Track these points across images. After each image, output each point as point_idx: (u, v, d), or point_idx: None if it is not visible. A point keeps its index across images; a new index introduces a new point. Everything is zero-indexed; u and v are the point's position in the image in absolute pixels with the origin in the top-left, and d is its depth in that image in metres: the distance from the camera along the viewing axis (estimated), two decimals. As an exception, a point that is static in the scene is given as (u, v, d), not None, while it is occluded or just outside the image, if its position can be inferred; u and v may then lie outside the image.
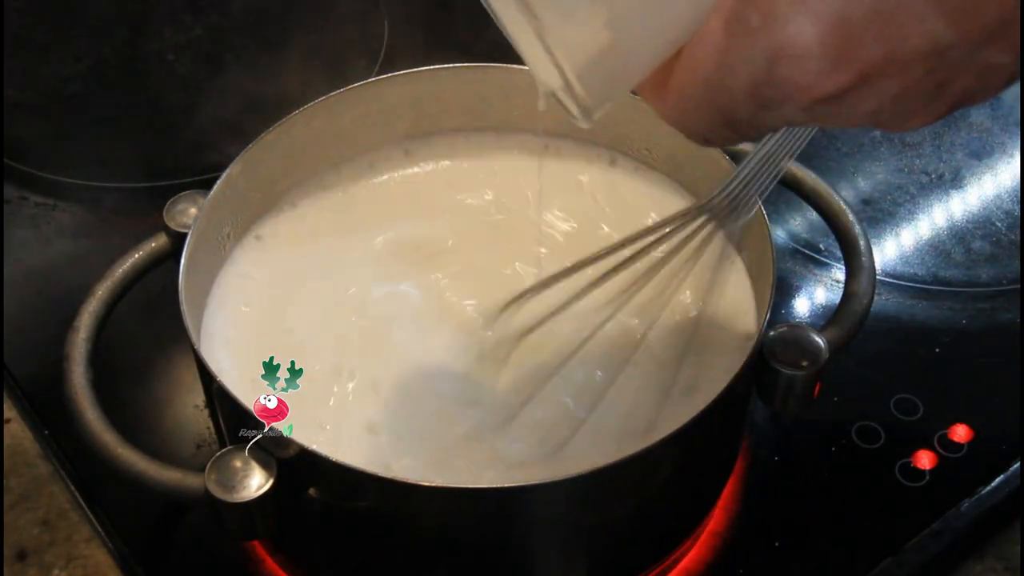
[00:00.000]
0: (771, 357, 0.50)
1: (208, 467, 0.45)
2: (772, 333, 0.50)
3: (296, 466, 0.45)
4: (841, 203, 0.59)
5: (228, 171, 0.56)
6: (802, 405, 0.51)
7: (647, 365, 0.54)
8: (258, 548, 0.56)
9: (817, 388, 0.51)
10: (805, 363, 0.49)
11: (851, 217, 0.58)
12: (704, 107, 0.36)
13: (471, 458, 0.50)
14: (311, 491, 0.47)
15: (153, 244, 0.56)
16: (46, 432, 0.61)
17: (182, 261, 0.51)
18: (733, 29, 0.33)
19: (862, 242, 0.57)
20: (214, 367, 0.48)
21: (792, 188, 0.61)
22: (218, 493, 0.45)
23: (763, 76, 0.33)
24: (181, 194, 0.56)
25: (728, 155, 0.57)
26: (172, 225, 0.55)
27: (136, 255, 0.55)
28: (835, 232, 0.58)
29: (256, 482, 0.45)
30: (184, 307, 0.49)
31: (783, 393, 0.50)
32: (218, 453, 0.46)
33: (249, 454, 0.45)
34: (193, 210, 0.55)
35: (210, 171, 0.59)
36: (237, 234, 0.59)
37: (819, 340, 0.50)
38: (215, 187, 0.55)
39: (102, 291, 0.54)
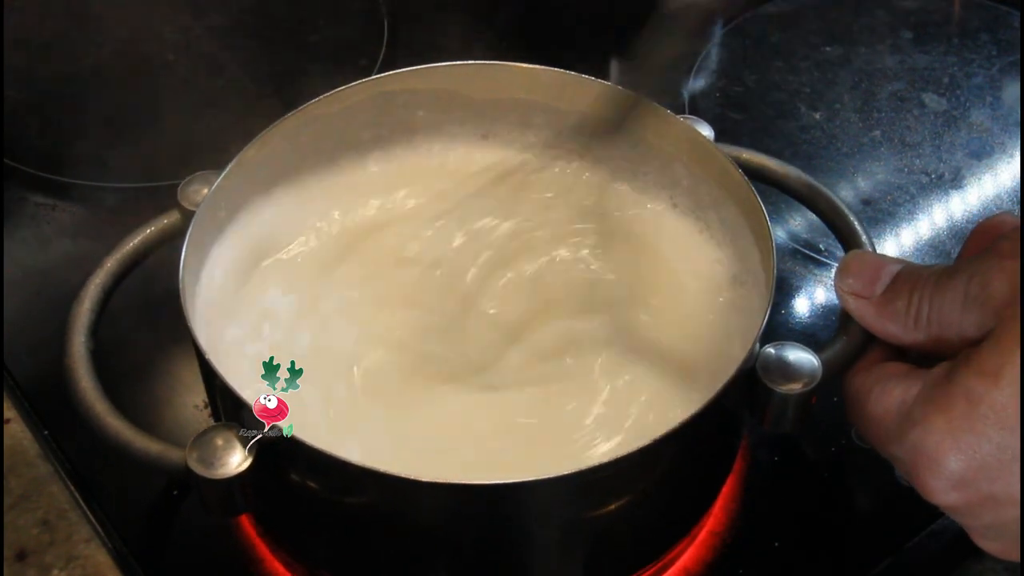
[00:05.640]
0: (764, 375, 0.49)
1: (190, 444, 0.46)
2: (766, 350, 0.49)
3: (274, 447, 0.46)
4: (853, 221, 0.58)
5: (242, 153, 0.56)
6: (795, 426, 0.50)
7: (643, 364, 0.54)
8: (259, 548, 0.57)
9: (813, 399, 0.50)
10: (799, 383, 0.49)
11: (864, 238, 0.57)
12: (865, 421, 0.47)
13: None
14: (293, 475, 0.48)
15: (165, 221, 0.56)
16: (46, 432, 0.61)
17: (186, 238, 0.52)
18: (902, 412, 0.45)
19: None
20: (207, 348, 0.48)
21: (804, 202, 0.60)
22: (198, 469, 0.45)
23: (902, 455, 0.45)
24: (196, 174, 0.56)
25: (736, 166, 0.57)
26: (185, 204, 0.55)
27: (147, 231, 0.56)
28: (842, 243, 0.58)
29: (236, 459, 0.45)
30: (183, 286, 0.50)
31: (776, 412, 0.50)
32: (201, 431, 0.46)
33: (232, 434, 0.46)
34: (206, 190, 0.55)
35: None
36: (245, 219, 0.59)
37: (813, 360, 0.49)
38: (227, 168, 0.55)
39: (111, 263, 0.54)
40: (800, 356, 0.49)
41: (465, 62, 0.62)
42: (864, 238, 0.57)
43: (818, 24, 0.91)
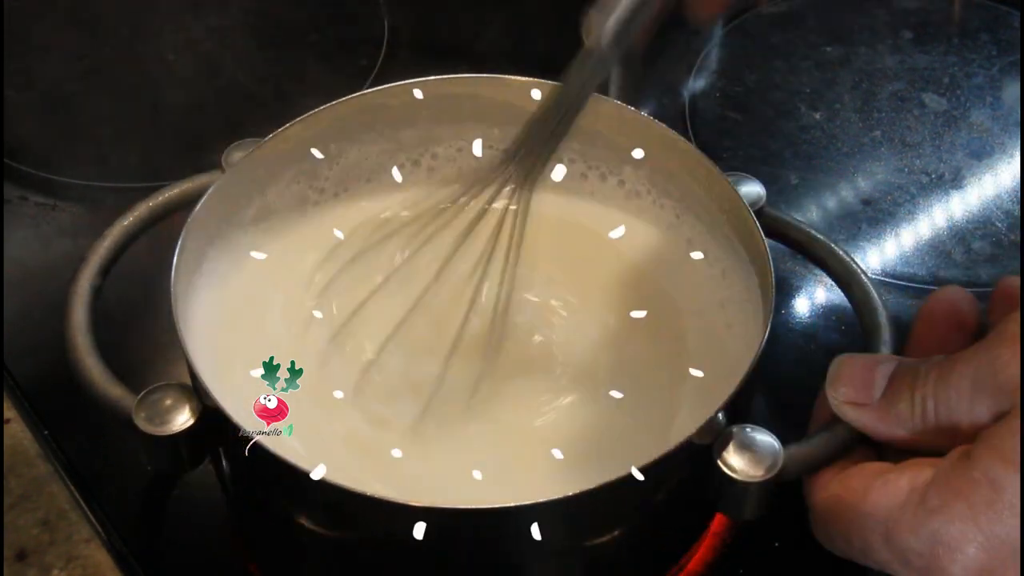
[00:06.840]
0: (720, 459, 0.46)
1: (137, 401, 0.47)
2: (727, 431, 0.46)
3: (213, 416, 0.46)
4: (883, 320, 0.54)
5: (287, 127, 0.56)
6: (752, 514, 0.47)
7: (657, 381, 0.54)
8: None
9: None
10: (759, 471, 0.46)
11: (886, 338, 0.53)
12: (852, 529, 0.44)
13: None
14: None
15: (206, 178, 0.56)
16: (46, 432, 0.61)
17: (205, 194, 0.53)
18: (914, 499, 0.41)
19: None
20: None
21: (838, 282, 0.58)
22: (143, 426, 0.46)
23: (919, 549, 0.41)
24: (241, 141, 0.56)
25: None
26: (227, 167, 0.56)
27: (185, 185, 0.56)
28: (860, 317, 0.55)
29: (180, 420, 0.46)
30: (182, 241, 0.51)
31: (735, 499, 0.47)
32: (149, 388, 0.47)
33: (179, 392, 0.47)
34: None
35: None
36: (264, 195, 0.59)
37: (775, 445, 0.46)
38: (268, 138, 0.56)
39: (141, 209, 0.55)
40: (760, 441, 0.46)
41: (536, 79, 0.59)
42: (887, 338, 0.53)
43: (818, 24, 0.91)
